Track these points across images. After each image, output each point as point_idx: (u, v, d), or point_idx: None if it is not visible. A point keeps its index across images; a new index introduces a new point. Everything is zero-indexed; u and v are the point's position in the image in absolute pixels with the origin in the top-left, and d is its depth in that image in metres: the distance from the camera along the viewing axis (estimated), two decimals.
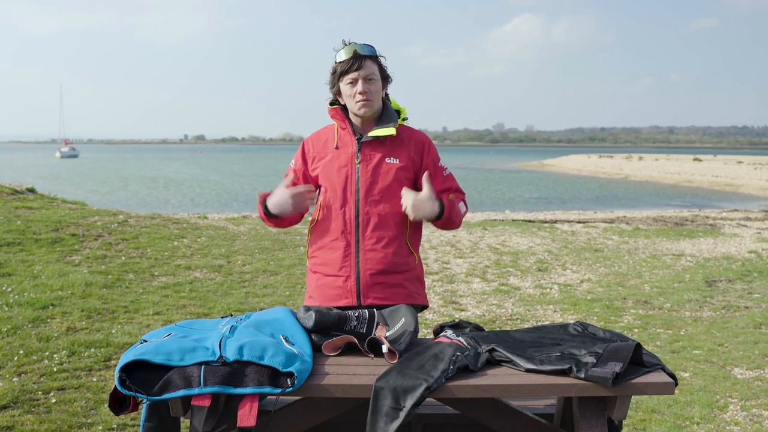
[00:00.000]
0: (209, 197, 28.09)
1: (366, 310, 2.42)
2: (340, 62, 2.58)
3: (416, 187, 2.66)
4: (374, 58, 2.60)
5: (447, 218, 2.55)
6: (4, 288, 6.19)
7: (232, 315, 2.53)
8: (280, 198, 2.56)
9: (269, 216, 2.62)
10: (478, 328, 2.47)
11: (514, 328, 5.67)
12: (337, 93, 2.65)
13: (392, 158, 2.61)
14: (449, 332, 2.33)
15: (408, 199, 2.49)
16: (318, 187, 2.71)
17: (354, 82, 2.55)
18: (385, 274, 2.60)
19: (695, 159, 49.78)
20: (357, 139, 2.62)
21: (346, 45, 2.59)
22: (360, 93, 2.54)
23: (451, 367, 2.06)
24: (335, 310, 2.38)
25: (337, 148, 2.64)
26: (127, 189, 32.83)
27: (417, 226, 2.72)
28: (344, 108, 2.67)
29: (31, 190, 11.68)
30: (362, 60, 2.55)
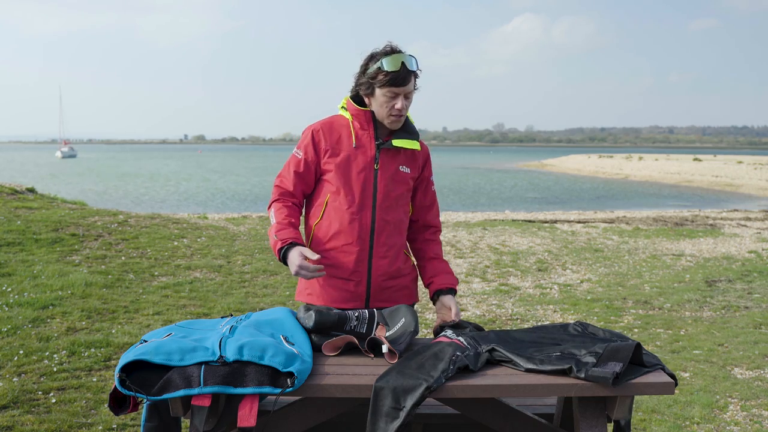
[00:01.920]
0: (207, 197, 28.08)
1: (366, 310, 2.42)
2: (386, 71, 2.42)
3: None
4: (415, 73, 2.49)
5: None
6: (4, 288, 6.19)
7: (232, 315, 2.53)
8: (292, 265, 2.40)
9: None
10: (477, 328, 2.47)
11: (514, 328, 5.68)
12: (368, 94, 2.51)
13: (405, 167, 2.59)
14: (449, 332, 2.33)
15: (452, 314, 2.54)
16: (319, 183, 2.63)
17: (395, 97, 2.45)
18: (393, 279, 2.61)
19: (695, 159, 49.71)
20: (377, 144, 2.55)
21: (393, 51, 2.45)
22: (398, 109, 2.46)
23: (451, 366, 2.06)
24: (335, 310, 2.37)
25: (356, 147, 2.55)
26: (125, 189, 32.83)
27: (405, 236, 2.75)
28: (372, 112, 2.57)
29: (31, 190, 11.68)
30: (408, 75, 2.44)
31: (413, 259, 2.75)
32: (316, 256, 2.38)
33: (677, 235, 11.45)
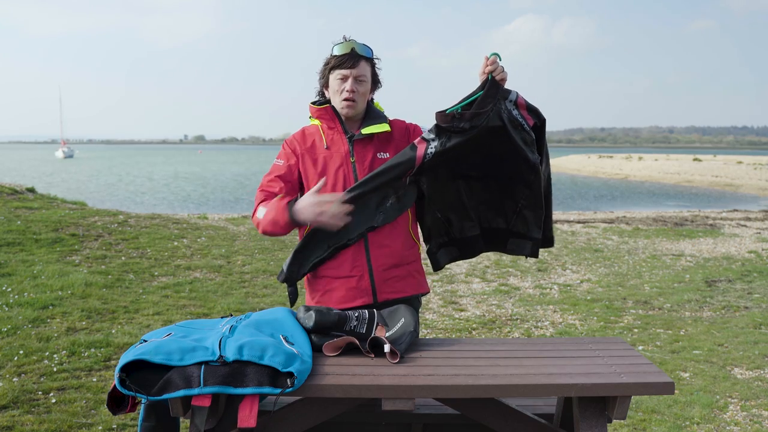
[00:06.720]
0: (204, 196, 28.04)
1: (366, 311, 2.42)
2: (335, 56, 2.56)
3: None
4: (369, 60, 2.59)
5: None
6: (4, 288, 6.19)
7: (232, 315, 2.53)
8: (307, 207, 2.40)
9: (294, 223, 2.45)
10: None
11: (513, 328, 5.68)
12: (325, 85, 2.63)
13: (383, 153, 2.61)
14: (431, 147, 2.46)
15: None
16: (303, 186, 2.63)
17: (344, 79, 2.54)
18: (397, 267, 2.59)
19: (695, 159, 49.63)
20: (348, 138, 2.59)
21: (346, 40, 2.58)
22: (347, 91, 2.52)
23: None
24: (335, 311, 2.37)
25: (327, 148, 2.59)
26: (123, 188, 32.78)
27: (414, 216, 2.71)
28: (332, 106, 2.63)
29: (31, 190, 11.68)
30: (357, 59, 2.54)
31: (420, 244, 2.72)
32: (320, 185, 2.42)
33: (677, 235, 11.45)
